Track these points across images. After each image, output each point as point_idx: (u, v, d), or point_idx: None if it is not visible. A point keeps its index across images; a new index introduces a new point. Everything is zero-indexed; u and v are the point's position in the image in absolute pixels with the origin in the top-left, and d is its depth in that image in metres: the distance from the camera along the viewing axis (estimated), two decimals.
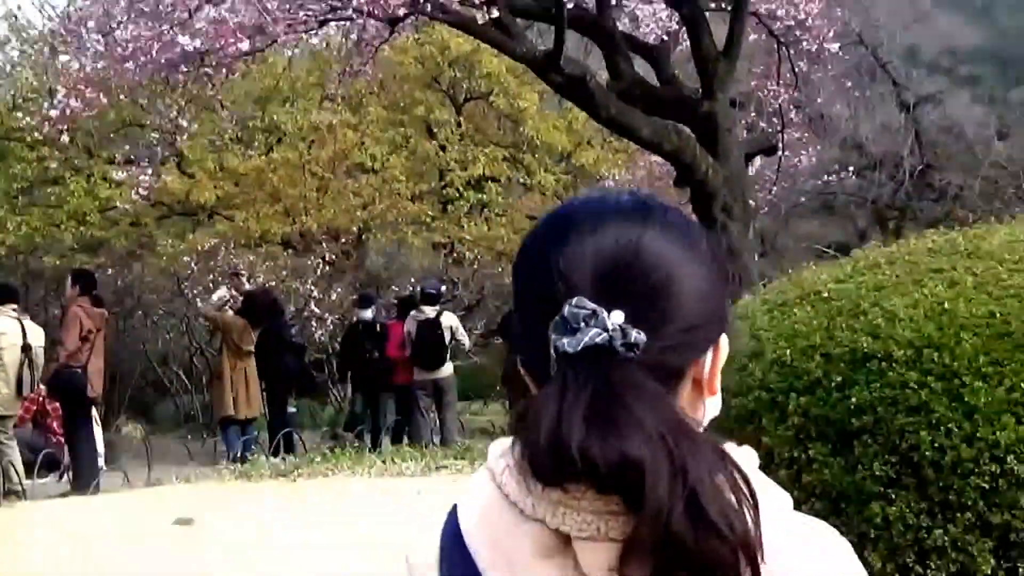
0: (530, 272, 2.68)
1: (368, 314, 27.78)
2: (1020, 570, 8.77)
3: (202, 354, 29.93)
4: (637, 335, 2.45)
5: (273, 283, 31.22)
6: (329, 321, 31.45)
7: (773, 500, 2.69)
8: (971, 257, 9.64)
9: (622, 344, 2.44)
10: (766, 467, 8.39)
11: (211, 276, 32.53)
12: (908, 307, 9.19)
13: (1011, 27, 30.93)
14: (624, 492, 2.40)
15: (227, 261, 32.86)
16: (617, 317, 2.46)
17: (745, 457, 2.74)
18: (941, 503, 8.73)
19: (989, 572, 8.74)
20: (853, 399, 8.98)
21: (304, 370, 28.04)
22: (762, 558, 2.45)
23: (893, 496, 8.80)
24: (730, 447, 2.68)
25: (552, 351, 2.49)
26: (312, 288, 32.09)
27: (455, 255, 38.77)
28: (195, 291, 32.19)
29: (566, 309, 2.48)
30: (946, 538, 8.75)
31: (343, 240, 35.76)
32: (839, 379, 9.04)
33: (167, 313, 32.36)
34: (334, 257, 34.99)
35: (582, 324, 2.46)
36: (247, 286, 30.01)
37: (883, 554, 8.85)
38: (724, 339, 2.74)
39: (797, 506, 8.51)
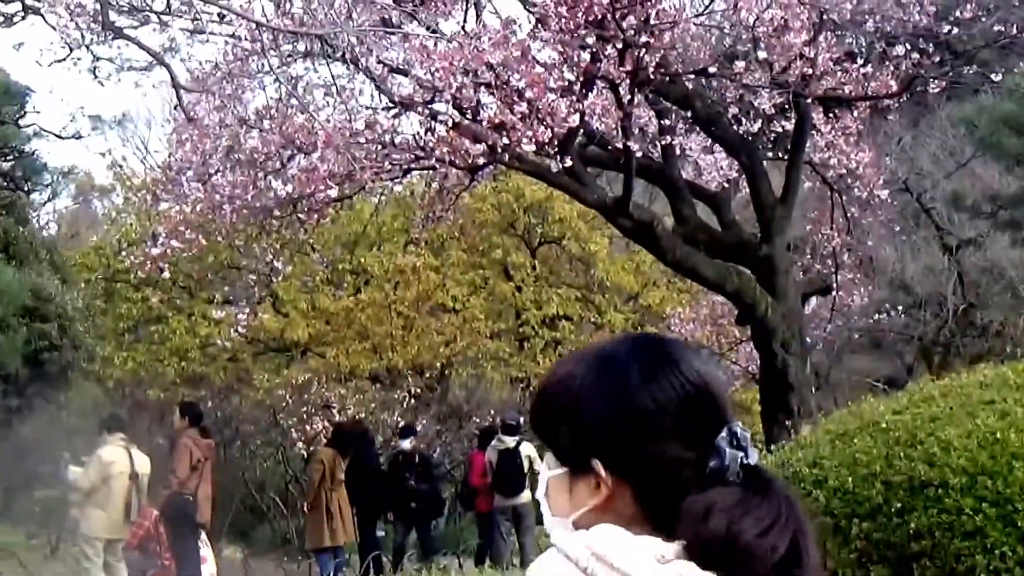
0: (686, 396, 2.95)
1: (406, 444, 27.48)
2: None
3: (296, 481, 29.99)
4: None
5: (362, 415, 31.25)
6: (429, 459, 31.51)
7: None
8: (1021, 390, 9.60)
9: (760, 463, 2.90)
10: None
11: (305, 408, 32.74)
12: (962, 437, 9.15)
13: None
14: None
15: (319, 395, 33.11)
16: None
17: None
18: None
19: None
20: (912, 524, 8.94)
21: (392, 497, 28.00)
22: None
23: None
24: None
25: (731, 461, 2.88)
26: (399, 419, 32.14)
27: (531, 389, 38.76)
28: (290, 422, 32.37)
29: (737, 430, 2.90)
30: None
31: (427, 375, 35.94)
32: (899, 505, 9.00)
33: (264, 443, 32.50)
34: (419, 391, 35.11)
35: (747, 445, 2.88)
36: (338, 418, 30.14)
37: None
38: None
39: None
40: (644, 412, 2.94)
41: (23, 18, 25.00)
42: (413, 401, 34.54)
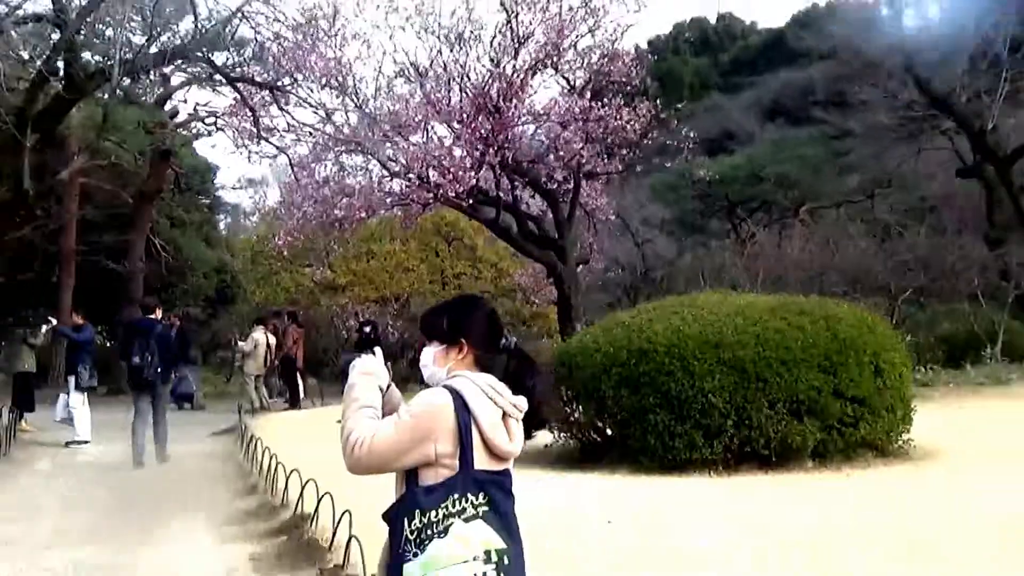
0: (490, 316, 3.09)
1: (368, 329, 26.25)
2: (715, 444, 8.63)
3: (341, 348, 29.52)
4: None
5: (373, 319, 30.93)
6: (398, 339, 31.10)
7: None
8: (691, 307, 9.52)
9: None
10: (602, 401, 7.97)
11: (345, 315, 32.55)
12: (663, 328, 9.09)
13: (690, 208, 31.30)
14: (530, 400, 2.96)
15: (353, 310, 32.75)
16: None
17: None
18: (679, 414, 8.60)
19: (700, 443, 8.59)
20: (640, 368, 8.88)
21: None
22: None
23: (658, 411, 8.65)
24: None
25: (509, 343, 3.04)
26: (390, 321, 31.71)
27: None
28: (338, 323, 32.11)
29: (509, 332, 3.12)
30: (683, 430, 8.61)
31: (399, 300, 35.36)
32: (634, 360, 8.93)
33: (326, 331, 32.08)
34: (397, 308, 34.61)
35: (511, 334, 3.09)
36: (362, 319, 29.88)
37: (654, 437, 8.68)
38: None
39: (615, 418, 8.08)
40: (483, 316, 3.05)
41: (214, 133, 24.44)
42: (396, 312, 34.14)
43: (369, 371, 2.98)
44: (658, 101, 21.42)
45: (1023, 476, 8.19)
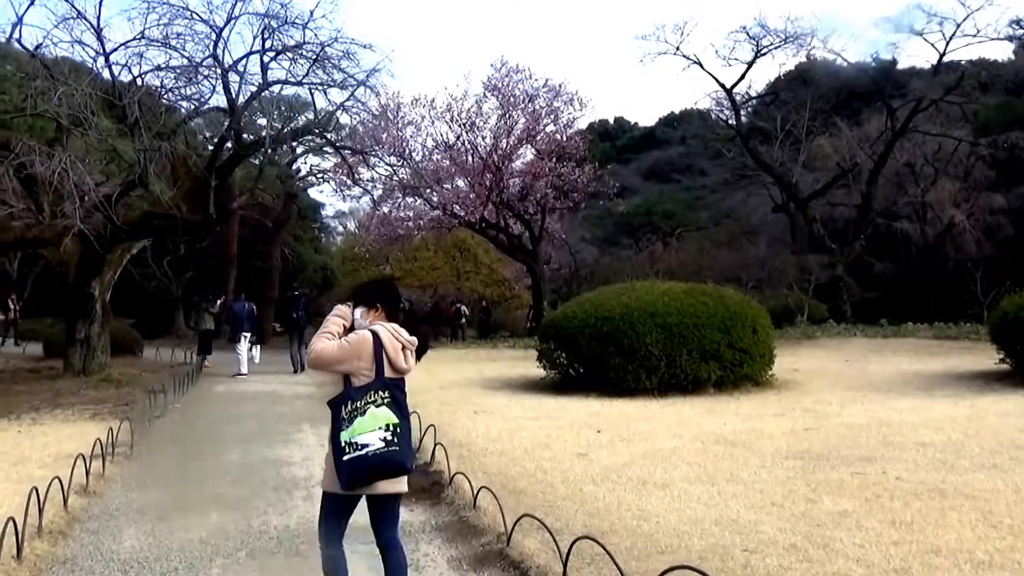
0: (394, 291, 2.87)
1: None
2: (652, 378, 8.02)
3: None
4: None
5: (416, 293, 29.74)
6: (431, 307, 29.89)
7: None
8: (633, 291, 8.87)
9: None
10: (578, 350, 7.12)
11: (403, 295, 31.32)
12: (617, 304, 8.47)
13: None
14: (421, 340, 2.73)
15: (404, 293, 31.52)
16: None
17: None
18: (629, 358, 7.97)
19: (643, 377, 8.01)
20: (604, 328, 8.25)
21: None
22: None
23: (616, 357, 8.03)
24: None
25: (405, 307, 2.68)
26: (427, 299, 30.73)
27: (462, 292, 37.41)
28: (405, 295, 30.82)
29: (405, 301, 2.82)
30: (632, 368, 7.99)
31: (433, 288, 34.39)
32: (601, 323, 8.29)
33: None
34: (433, 290, 33.59)
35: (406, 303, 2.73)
36: (413, 297, 28.54)
37: (613, 373, 8.06)
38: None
39: (586, 361, 7.18)
40: (391, 291, 2.84)
41: (322, 183, 23.33)
42: (430, 294, 33.10)
43: (340, 314, 2.82)
44: (596, 164, 20.86)
45: (842, 393, 7.80)
